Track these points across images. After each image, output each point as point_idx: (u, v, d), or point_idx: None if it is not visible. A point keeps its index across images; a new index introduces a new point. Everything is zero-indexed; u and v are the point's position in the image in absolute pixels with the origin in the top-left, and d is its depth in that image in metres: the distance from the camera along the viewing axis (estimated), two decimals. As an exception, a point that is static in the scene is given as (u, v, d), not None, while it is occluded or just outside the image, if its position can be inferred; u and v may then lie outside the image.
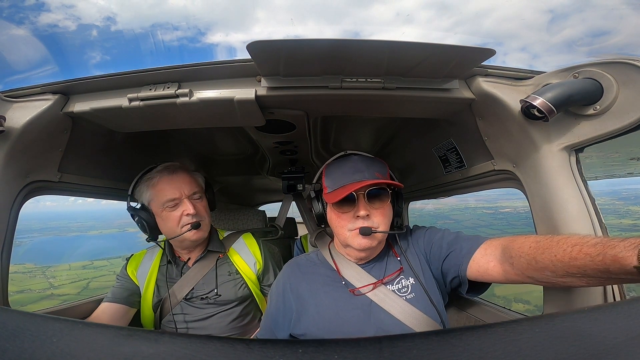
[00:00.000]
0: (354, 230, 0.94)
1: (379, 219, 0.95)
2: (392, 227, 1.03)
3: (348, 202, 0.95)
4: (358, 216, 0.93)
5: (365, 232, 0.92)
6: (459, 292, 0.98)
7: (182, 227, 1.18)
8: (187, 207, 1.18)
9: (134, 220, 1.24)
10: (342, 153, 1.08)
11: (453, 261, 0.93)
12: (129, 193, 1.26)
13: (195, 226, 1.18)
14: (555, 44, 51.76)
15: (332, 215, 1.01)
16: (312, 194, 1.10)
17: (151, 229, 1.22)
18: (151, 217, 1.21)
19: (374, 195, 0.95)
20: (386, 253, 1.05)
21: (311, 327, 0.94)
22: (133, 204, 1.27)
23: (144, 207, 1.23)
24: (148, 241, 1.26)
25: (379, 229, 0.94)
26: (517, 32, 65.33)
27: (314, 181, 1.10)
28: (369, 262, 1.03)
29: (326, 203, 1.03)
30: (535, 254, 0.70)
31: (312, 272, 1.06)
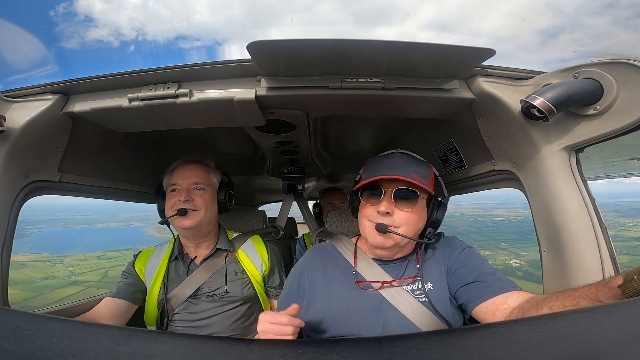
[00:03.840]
0: (372, 222, 0.93)
1: (402, 220, 0.91)
2: (422, 235, 0.99)
3: (375, 195, 0.94)
4: (379, 211, 0.92)
5: (380, 228, 0.90)
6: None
7: (173, 211, 1.23)
8: (181, 195, 1.25)
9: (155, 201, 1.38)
10: (392, 151, 1.06)
11: (473, 291, 0.89)
12: (162, 179, 1.38)
13: (181, 213, 1.21)
14: (556, 44, 51.54)
15: (360, 206, 1.00)
16: (354, 185, 1.08)
17: (160, 211, 1.34)
18: (164, 200, 1.32)
19: (402, 196, 0.92)
20: (410, 257, 1.01)
21: (319, 314, 0.93)
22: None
23: (162, 191, 1.35)
24: (160, 223, 1.33)
25: (399, 231, 0.91)
26: (517, 34, 64.59)
27: (360, 172, 1.09)
28: (389, 262, 1.01)
29: (360, 194, 1.01)
30: (539, 311, 0.71)
31: (331, 261, 1.06)
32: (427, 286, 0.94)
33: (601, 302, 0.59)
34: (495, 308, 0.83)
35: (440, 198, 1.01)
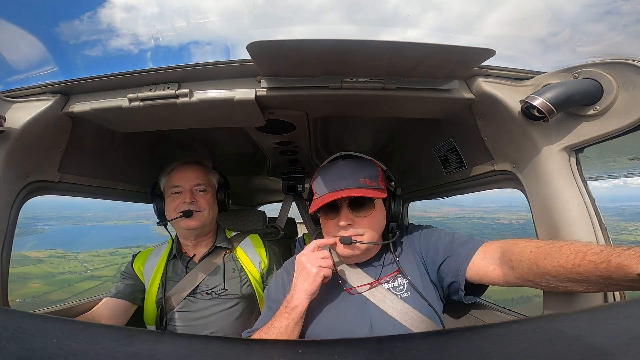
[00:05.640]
0: (337, 236, 0.95)
1: (364, 227, 0.94)
2: (386, 231, 1.02)
3: (332, 209, 0.95)
4: (339, 225, 0.93)
5: (345, 241, 0.92)
6: (457, 299, 0.97)
7: (177, 213, 1.24)
8: (185, 196, 1.26)
9: (152, 202, 1.37)
10: (335, 155, 1.07)
11: (451, 266, 0.93)
12: (156, 180, 1.38)
13: (187, 214, 1.22)
14: (555, 44, 51.00)
15: (321, 221, 1.02)
16: (307, 197, 1.11)
17: (159, 213, 1.33)
18: (162, 201, 1.32)
19: (358, 203, 0.94)
20: (384, 253, 1.05)
21: (309, 323, 0.95)
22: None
23: (159, 192, 1.35)
24: (158, 225, 1.34)
25: (364, 238, 0.93)
26: (516, 34, 65.46)
27: (310, 184, 1.11)
28: (366, 262, 1.03)
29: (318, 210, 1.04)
30: (537, 259, 0.71)
31: None
32: (405, 281, 0.98)
33: (612, 282, 0.58)
34: (481, 269, 0.87)
35: (394, 191, 1.03)
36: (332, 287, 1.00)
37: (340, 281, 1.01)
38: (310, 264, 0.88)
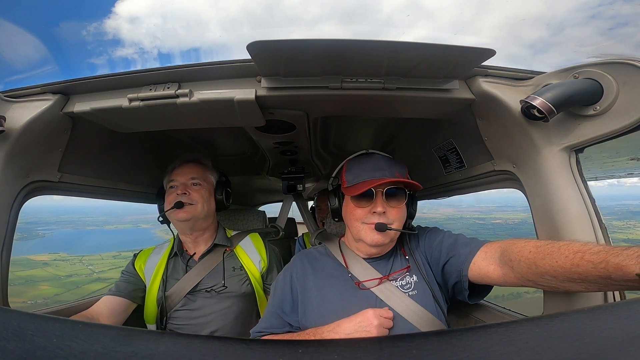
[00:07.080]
0: (368, 224, 0.97)
1: (395, 216, 0.97)
2: (404, 228, 1.04)
3: (366, 197, 0.97)
4: (374, 212, 0.96)
5: (381, 228, 0.94)
6: (462, 299, 0.98)
7: (171, 205, 1.26)
8: (178, 189, 1.29)
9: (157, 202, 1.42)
10: (364, 151, 1.11)
11: (453, 267, 0.95)
12: (164, 179, 1.41)
13: (177, 205, 1.24)
14: (555, 44, 49.25)
15: (347, 209, 1.04)
16: (330, 187, 1.13)
17: (161, 211, 1.36)
18: (164, 200, 1.35)
19: (391, 194, 0.98)
20: (394, 251, 1.07)
21: (317, 319, 0.96)
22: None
23: (164, 192, 1.37)
24: (161, 222, 1.36)
25: (393, 227, 0.96)
26: (516, 34, 63.27)
27: (333, 175, 1.14)
28: (376, 259, 1.05)
29: (342, 197, 1.07)
30: (536, 259, 0.71)
31: (320, 265, 1.09)
32: (413, 278, 1.00)
33: (611, 282, 0.59)
34: (482, 269, 0.88)
35: (412, 192, 1.07)
36: (341, 279, 1.02)
37: (349, 275, 1.02)
38: (377, 320, 0.87)
